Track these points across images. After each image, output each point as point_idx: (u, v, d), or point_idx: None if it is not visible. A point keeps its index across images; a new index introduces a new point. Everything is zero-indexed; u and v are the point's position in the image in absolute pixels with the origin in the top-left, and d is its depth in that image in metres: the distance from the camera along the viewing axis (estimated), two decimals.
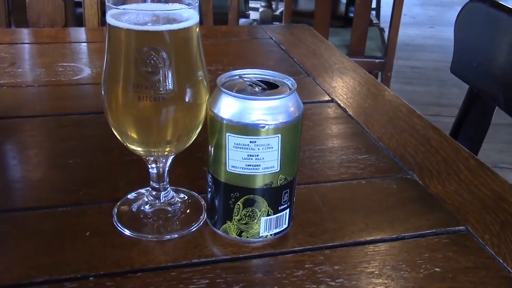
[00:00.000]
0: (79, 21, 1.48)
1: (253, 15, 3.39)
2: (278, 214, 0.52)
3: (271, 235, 0.52)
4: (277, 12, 3.17)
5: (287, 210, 0.52)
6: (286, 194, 0.51)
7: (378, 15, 3.53)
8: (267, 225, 0.51)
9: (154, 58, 0.46)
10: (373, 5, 3.44)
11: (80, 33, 1.21)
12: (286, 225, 0.53)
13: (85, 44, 1.13)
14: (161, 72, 0.47)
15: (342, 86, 0.94)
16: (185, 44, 0.49)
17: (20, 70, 0.94)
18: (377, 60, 2.11)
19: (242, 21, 2.79)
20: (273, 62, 1.07)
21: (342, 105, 0.86)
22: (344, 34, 2.26)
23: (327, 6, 2.01)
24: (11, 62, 0.97)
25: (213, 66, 0.98)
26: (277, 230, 0.52)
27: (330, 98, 0.88)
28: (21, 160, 0.67)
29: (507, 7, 0.91)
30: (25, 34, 1.17)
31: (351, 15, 2.22)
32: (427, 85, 3.27)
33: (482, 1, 0.96)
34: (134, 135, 0.50)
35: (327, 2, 2.01)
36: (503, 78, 0.90)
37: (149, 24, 0.47)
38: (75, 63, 0.98)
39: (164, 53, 0.47)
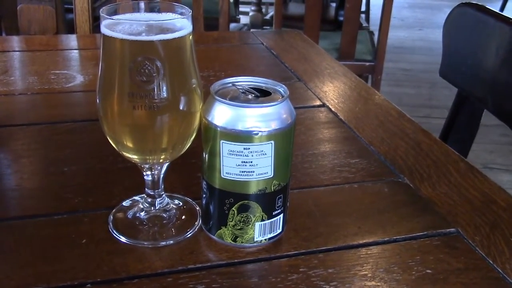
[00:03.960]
0: (70, 27, 1.48)
1: (243, 19, 3.41)
2: (272, 219, 0.52)
3: (265, 240, 0.53)
4: (267, 17, 3.18)
5: (281, 215, 0.53)
6: (280, 200, 0.52)
7: (367, 18, 3.56)
8: (261, 230, 0.52)
9: (149, 68, 0.47)
10: (363, 8, 3.46)
11: (72, 40, 1.21)
12: (280, 230, 0.54)
13: (77, 51, 1.13)
14: (155, 81, 0.48)
15: (333, 91, 0.95)
16: (178, 53, 0.49)
17: (12, 78, 0.94)
18: (367, 63, 2.13)
19: (232, 25, 2.80)
20: (265, 68, 1.08)
21: (333, 109, 0.87)
22: (334, 38, 2.28)
23: (317, 10, 2.03)
24: (3, 70, 0.97)
25: (205, 72, 0.98)
26: (272, 235, 0.53)
27: (321, 103, 0.89)
28: (16, 168, 0.68)
29: (495, 11, 0.93)
30: (16, 41, 1.18)
31: (341, 18, 2.23)
32: (417, 87, 3.30)
33: (470, 5, 0.98)
34: (129, 144, 0.51)
35: (317, 6, 2.03)
36: (491, 82, 0.92)
37: (143, 34, 0.48)
38: (68, 70, 0.99)
39: (158, 62, 0.47)
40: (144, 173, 0.55)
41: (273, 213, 0.52)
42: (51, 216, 0.58)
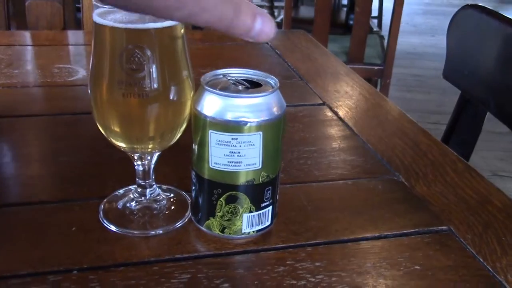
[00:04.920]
0: (80, 25, 1.49)
1: None
2: (261, 211, 0.52)
3: (253, 232, 0.53)
4: (278, 19, 3.18)
5: (270, 208, 0.53)
6: (269, 192, 0.52)
7: (380, 23, 3.55)
8: (249, 222, 0.52)
9: (139, 56, 0.47)
10: (376, 13, 3.46)
11: (78, 36, 1.22)
12: (269, 223, 0.54)
13: (82, 46, 1.14)
14: (145, 70, 0.48)
15: (335, 90, 0.95)
16: (169, 42, 0.50)
17: (16, 71, 0.95)
18: (376, 67, 2.13)
19: None
20: (268, 66, 1.08)
21: (333, 108, 0.87)
22: (343, 41, 2.28)
23: (326, 13, 2.03)
24: (8, 63, 0.98)
25: (207, 69, 0.98)
26: (260, 227, 0.53)
27: (322, 101, 0.89)
28: (13, 157, 0.68)
29: (499, 14, 0.92)
30: (23, 36, 1.19)
31: (351, 22, 2.23)
32: (427, 93, 3.28)
33: (475, 7, 0.97)
34: (116, 129, 0.51)
35: (327, 10, 2.03)
36: (493, 84, 0.91)
37: (134, 22, 0.48)
38: (71, 64, 0.99)
39: (149, 51, 0.48)
40: (135, 163, 0.55)
41: (262, 205, 0.52)
42: (44, 204, 0.58)
